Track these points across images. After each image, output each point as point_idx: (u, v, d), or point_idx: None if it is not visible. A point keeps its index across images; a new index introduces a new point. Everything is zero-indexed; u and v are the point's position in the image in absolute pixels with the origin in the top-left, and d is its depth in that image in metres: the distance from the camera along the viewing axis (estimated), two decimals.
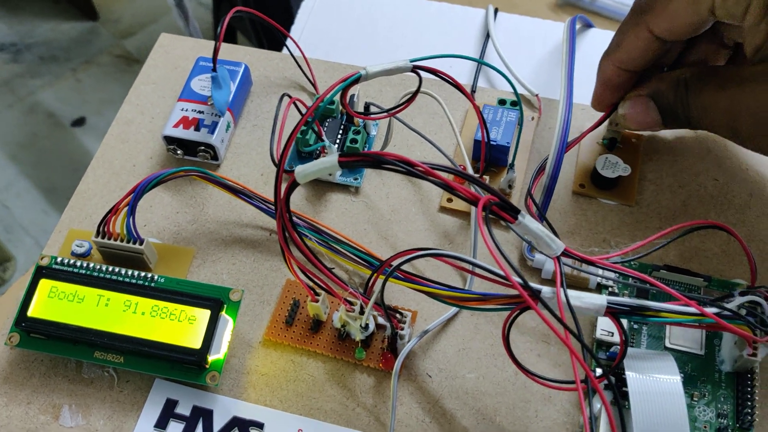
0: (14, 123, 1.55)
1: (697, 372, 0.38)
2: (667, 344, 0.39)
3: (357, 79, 0.35)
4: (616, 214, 0.44)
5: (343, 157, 0.32)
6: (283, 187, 0.34)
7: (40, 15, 1.76)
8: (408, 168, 0.31)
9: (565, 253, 0.34)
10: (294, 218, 0.42)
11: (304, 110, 0.43)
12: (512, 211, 0.32)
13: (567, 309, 0.32)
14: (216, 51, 0.43)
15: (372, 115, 0.41)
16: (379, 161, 0.31)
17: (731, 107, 0.36)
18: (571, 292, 0.33)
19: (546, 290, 0.33)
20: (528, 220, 0.32)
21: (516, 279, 0.30)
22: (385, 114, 0.40)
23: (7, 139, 1.52)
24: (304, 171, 0.33)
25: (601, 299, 0.33)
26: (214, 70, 0.44)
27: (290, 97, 0.41)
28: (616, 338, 0.39)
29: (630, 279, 0.40)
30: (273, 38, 1.15)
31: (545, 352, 0.39)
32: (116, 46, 1.72)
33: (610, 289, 0.40)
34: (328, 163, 0.32)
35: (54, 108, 1.58)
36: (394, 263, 0.34)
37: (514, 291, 0.33)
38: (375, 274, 0.37)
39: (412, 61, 0.37)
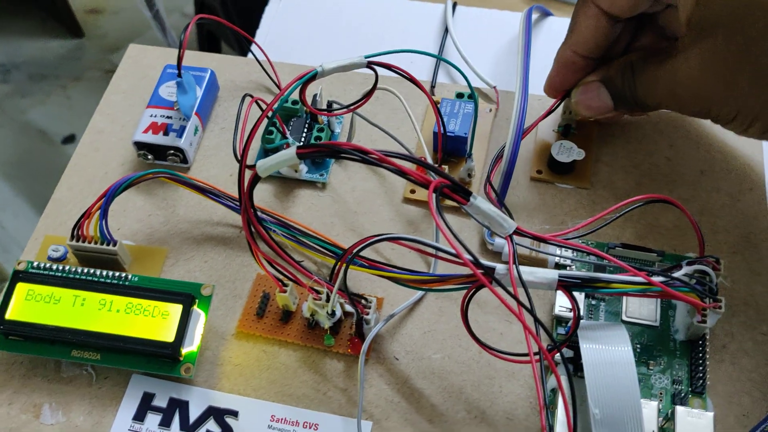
0: (6, 143, 1.56)
1: (653, 342, 0.40)
2: (624, 318, 0.40)
3: (313, 76, 0.37)
4: (573, 197, 0.45)
5: (301, 149, 0.33)
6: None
7: (26, 34, 1.77)
8: (363, 156, 0.33)
9: (518, 232, 0.35)
10: (261, 214, 0.43)
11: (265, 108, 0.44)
12: (464, 194, 0.34)
13: (520, 285, 0.34)
14: (180, 57, 0.45)
15: (333, 112, 0.43)
16: (336, 151, 0.33)
17: (671, 78, 0.37)
18: (523, 268, 0.35)
19: (500, 267, 0.35)
20: (479, 201, 0.34)
21: (467, 257, 0.32)
22: (346, 110, 0.41)
23: (1, 159, 1.53)
24: (264, 164, 0.35)
25: (552, 273, 0.35)
26: (179, 75, 0.45)
27: (252, 96, 0.42)
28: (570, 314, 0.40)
29: (586, 255, 0.42)
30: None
31: (507, 331, 0.41)
32: (104, 61, 1.73)
33: (567, 268, 0.42)
34: (287, 155, 0.34)
35: (45, 126, 1.58)
36: (355, 250, 0.35)
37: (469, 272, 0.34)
38: (339, 263, 0.38)
39: (367, 57, 0.38)
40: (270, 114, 0.42)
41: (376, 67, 0.39)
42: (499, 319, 0.41)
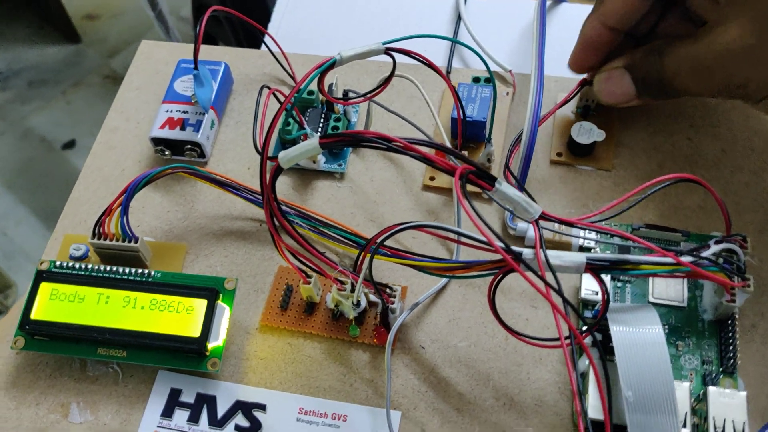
0: (8, 150, 1.56)
1: (681, 323, 0.39)
2: (651, 299, 0.40)
3: (332, 64, 0.36)
4: (595, 180, 0.45)
5: (323, 138, 0.33)
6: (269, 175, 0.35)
7: (25, 41, 1.77)
8: (387, 144, 0.32)
9: (543, 217, 0.35)
10: (282, 206, 0.43)
11: (283, 99, 0.44)
12: (489, 179, 0.33)
13: (548, 269, 0.34)
14: (196, 50, 0.44)
15: (351, 100, 0.42)
16: (359, 139, 0.33)
17: (703, 54, 0.37)
18: (550, 252, 0.34)
19: (527, 252, 0.34)
20: (504, 187, 0.33)
21: (498, 243, 0.31)
22: (363, 98, 0.41)
23: (2, 166, 1.53)
24: (286, 155, 0.35)
25: (580, 256, 0.34)
26: (195, 68, 0.45)
27: (269, 88, 0.42)
28: (600, 297, 0.40)
29: (611, 237, 0.41)
30: (253, 43, 1.16)
31: (533, 317, 0.41)
32: (103, 66, 1.73)
33: (592, 250, 0.42)
34: (309, 145, 0.34)
35: (46, 132, 1.59)
36: (379, 239, 0.35)
37: (497, 256, 0.34)
38: (363, 252, 0.38)
39: (384, 43, 0.38)
40: (288, 105, 0.42)
41: (393, 54, 0.39)
42: (523, 305, 0.41)
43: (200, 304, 0.39)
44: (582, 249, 0.42)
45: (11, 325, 0.42)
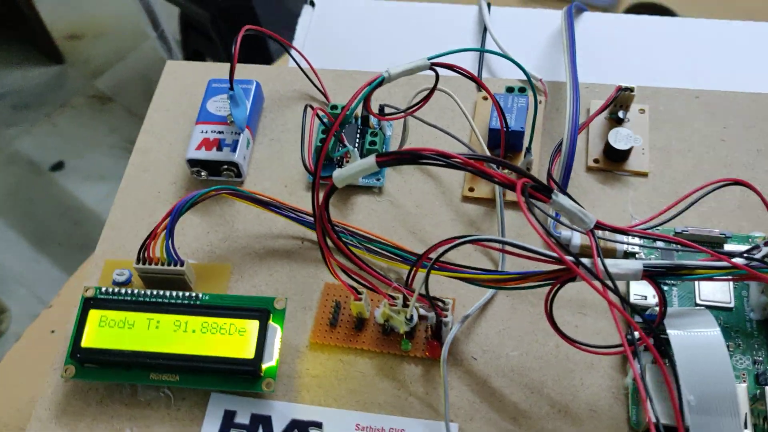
0: None
1: (729, 324, 0.40)
2: (698, 301, 0.40)
3: (380, 82, 0.36)
4: (632, 185, 0.45)
5: (380, 157, 0.33)
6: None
7: (6, 64, 1.75)
8: (446, 160, 0.32)
9: (598, 226, 0.35)
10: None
11: (323, 116, 0.44)
12: (546, 192, 0.34)
13: (607, 278, 0.34)
14: (232, 70, 0.44)
15: (396, 115, 0.43)
16: (417, 157, 0.33)
17: None
18: (608, 261, 0.35)
19: (584, 261, 0.34)
20: (561, 198, 0.34)
21: (569, 258, 0.32)
22: (405, 113, 0.41)
23: None
24: (341, 175, 0.35)
25: (637, 264, 0.34)
26: (231, 88, 0.45)
27: (312, 107, 0.42)
28: (649, 302, 0.40)
29: (657, 242, 0.42)
30: (247, 58, 1.16)
31: (582, 323, 0.41)
32: (88, 86, 1.72)
33: (637, 255, 0.42)
34: (366, 164, 0.34)
35: (34, 155, 1.57)
36: (435, 254, 0.35)
37: (551, 267, 0.35)
38: (414, 268, 0.38)
39: (429, 59, 0.38)
40: (326, 120, 0.42)
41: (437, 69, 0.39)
42: (572, 312, 0.41)
43: (252, 325, 0.39)
44: (626, 254, 0.42)
45: (53, 353, 0.42)
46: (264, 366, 0.39)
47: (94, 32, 1.80)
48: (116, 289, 0.41)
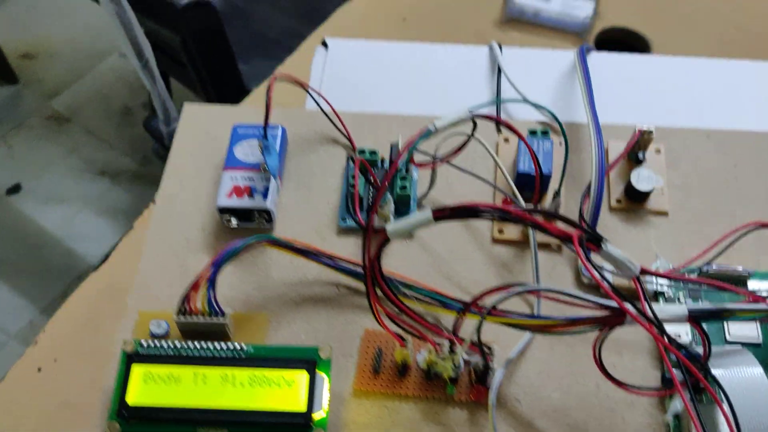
0: None
1: (759, 359, 0.41)
2: (728, 338, 0.42)
3: (428, 135, 0.37)
4: (654, 224, 0.47)
5: (437, 212, 0.34)
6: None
7: None
8: (504, 215, 0.33)
9: (643, 272, 0.37)
10: (358, 269, 0.44)
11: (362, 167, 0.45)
12: (597, 242, 0.35)
13: (655, 324, 0.35)
14: (266, 119, 0.45)
15: (434, 163, 0.43)
16: (476, 212, 0.34)
17: None
18: (654, 306, 0.36)
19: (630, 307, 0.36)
20: (611, 248, 0.35)
21: (629, 308, 0.33)
22: (441, 161, 0.42)
23: None
24: (396, 229, 0.36)
25: (682, 308, 0.36)
26: (265, 137, 0.45)
27: (354, 160, 0.43)
28: (684, 340, 0.42)
29: (683, 284, 0.43)
30: (218, 86, 1.15)
31: (619, 362, 0.42)
32: (44, 107, 1.68)
33: (665, 294, 0.44)
34: (422, 219, 0.35)
35: None
36: (489, 302, 0.36)
37: (598, 313, 0.36)
38: (462, 314, 0.39)
39: (470, 110, 0.39)
40: (350, 164, 0.42)
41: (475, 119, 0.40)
42: (608, 351, 0.43)
43: (300, 376, 0.39)
44: (656, 294, 0.44)
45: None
46: (315, 417, 0.39)
47: (49, 52, 1.77)
48: (157, 343, 0.41)
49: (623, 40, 0.68)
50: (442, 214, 0.34)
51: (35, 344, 0.49)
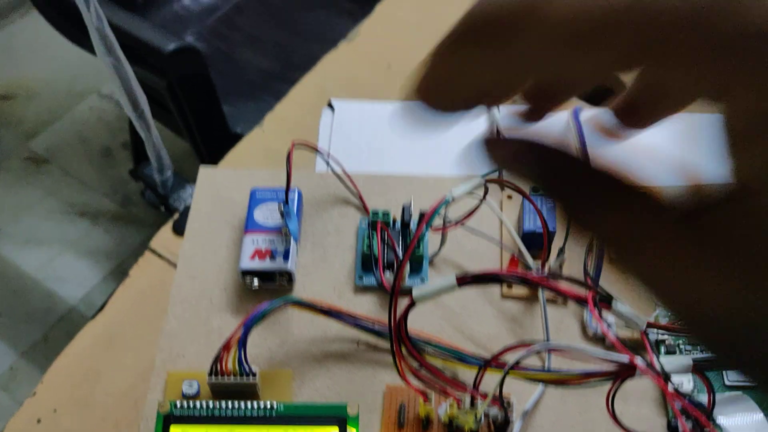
0: None
1: (757, 401, 0.45)
2: (726, 382, 0.45)
3: (447, 204, 0.40)
4: None
5: (461, 279, 0.37)
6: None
7: None
8: (523, 281, 0.36)
9: (649, 326, 0.40)
10: (377, 326, 0.46)
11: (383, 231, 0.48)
12: (608, 300, 0.38)
13: (662, 374, 0.38)
14: (288, 185, 0.47)
15: (445, 227, 0.46)
16: (499, 279, 0.37)
17: None
18: (662, 359, 0.39)
19: (639, 360, 0.39)
20: (620, 306, 0.38)
21: (641, 362, 0.36)
22: (455, 224, 0.45)
23: None
24: (421, 294, 0.38)
25: (687, 359, 0.39)
26: (286, 202, 0.48)
27: (375, 227, 0.46)
28: (687, 388, 0.45)
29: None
30: (204, 129, 1.18)
31: (626, 410, 0.45)
32: (22, 148, 1.69)
33: (666, 342, 0.47)
34: (447, 285, 0.37)
35: None
36: (513, 358, 0.39)
37: (609, 368, 0.39)
38: (484, 369, 0.41)
39: (483, 176, 0.42)
40: (362, 225, 0.45)
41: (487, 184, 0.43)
42: (616, 401, 0.45)
43: None
44: (658, 342, 0.47)
45: None
46: None
47: (26, 93, 1.78)
48: (191, 403, 0.43)
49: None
50: (465, 280, 0.37)
51: (34, 395, 0.50)
